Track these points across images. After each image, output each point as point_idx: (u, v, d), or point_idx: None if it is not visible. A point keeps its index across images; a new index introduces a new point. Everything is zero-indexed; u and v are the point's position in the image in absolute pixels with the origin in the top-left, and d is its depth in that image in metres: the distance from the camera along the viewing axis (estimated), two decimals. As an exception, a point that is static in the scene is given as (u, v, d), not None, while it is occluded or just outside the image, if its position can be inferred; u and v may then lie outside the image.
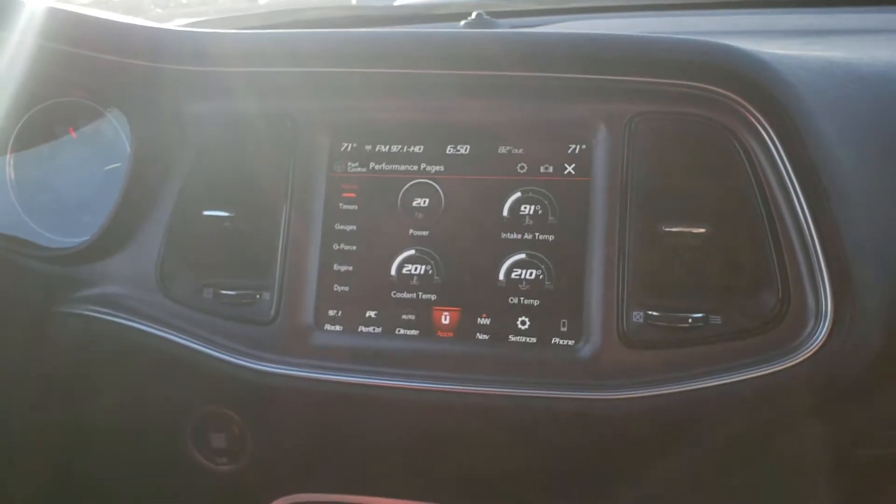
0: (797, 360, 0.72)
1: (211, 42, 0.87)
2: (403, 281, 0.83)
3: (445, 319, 0.82)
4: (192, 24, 1.57)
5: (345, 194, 0.86)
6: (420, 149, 0.85)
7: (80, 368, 0.92)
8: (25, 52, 0.86)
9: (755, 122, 0.76)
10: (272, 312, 0.84)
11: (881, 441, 0.78)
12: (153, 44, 0.88)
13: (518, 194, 0.82)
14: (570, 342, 0.79)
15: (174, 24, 1.60)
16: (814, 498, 0.82)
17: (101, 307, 0.89)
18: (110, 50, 0.87)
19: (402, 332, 0.83)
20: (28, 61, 0.87)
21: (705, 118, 0.77)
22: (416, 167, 0.85)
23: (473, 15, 1.45)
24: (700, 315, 0.75)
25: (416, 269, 0.83)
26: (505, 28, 1.40)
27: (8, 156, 0.96)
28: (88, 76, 0.91)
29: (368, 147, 0.86)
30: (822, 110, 0.75)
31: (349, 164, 0.86)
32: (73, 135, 0.96)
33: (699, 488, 0.82)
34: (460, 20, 1.46)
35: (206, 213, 0.87)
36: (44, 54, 0.87)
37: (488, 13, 1.45)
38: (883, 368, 0.72)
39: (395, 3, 2.07)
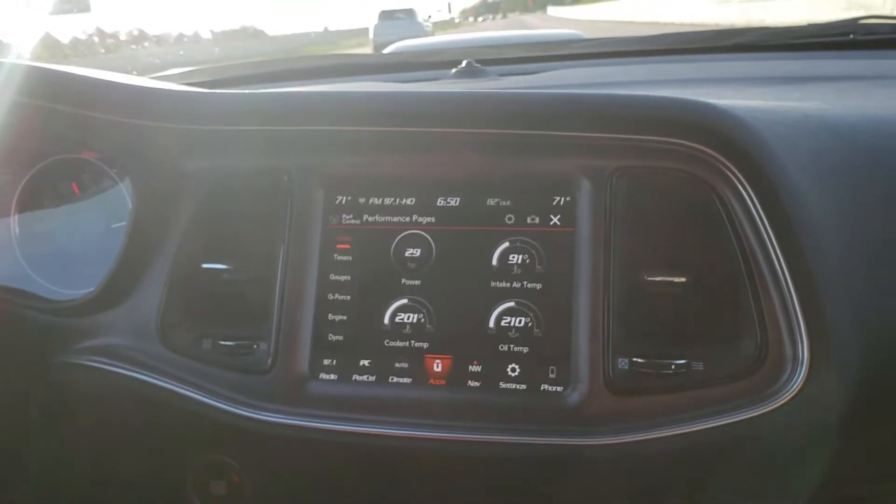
0: (776, 405, 0.74)
1: (207, 101, 0.90)
2: (396, 329, 0.86)
3: (438, 367, 0.85)
4: (187, 73, 1.61)
5: (339, 245, 0.89)
6: (412, 201, 0.88)
7: (82, 417, 0.94)
8: (23, 110, 0.89)
9: (731, 177, 0.79)
10: (269, 362, 0.86)
11: (859, 482, 0.80)
12: (148, 102, 0.90)
13: (506, 244, 0.85)
14: (559, 388, 0.81)
15: (169, 73, 1.65)
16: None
17: (102, 358, 0.91)
18: (105, 109, 0.90)
19: (395, 380, 0.85)
20: (26, 120, 0.90)
21: (684, 172, 0.80)
22: (408, 219, 0.88)
23: (464, 63, 1.51)
24: (683, 362, 0.78)
25: (408, 317, 0.86)
26: (494, 76, 1.46)
27: (13, 212, 0.99)
28: (89, 135, 0.94)
29: (362, 199, 0.89)
30: (795, 164, 0.78)
31: (343, 216, 0.89)
32: (77, 191, 0.99)
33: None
34: (451, 68, 1.51)
35: (204, 265, 0.89)
36: (41, 113, 0.90)
37: (478, 61, 1.51)
38: (858, 413, 0.74)
39: (386, 51, 2.12)
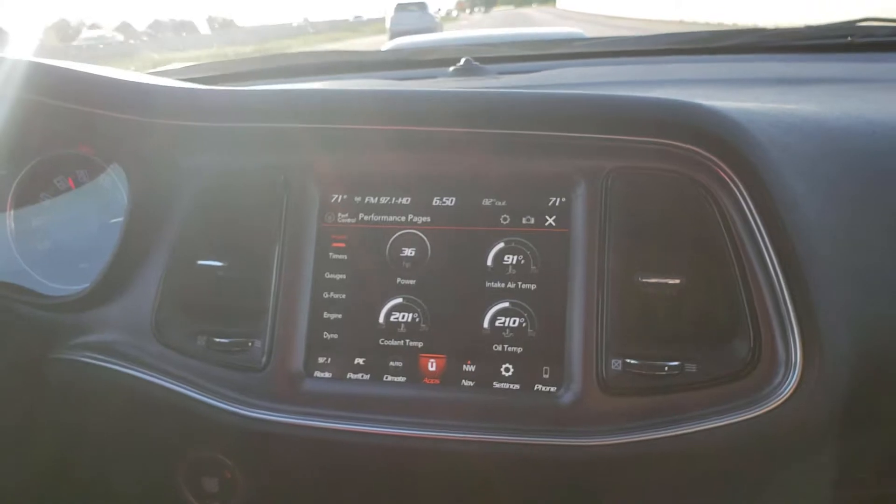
0: (769, 408, 0.74)
1: (203, 98, 0.90)
2: (391, 328, 0.86)
3: (432, 366, 0.85)
4: (185, 69, 1.61)
5: (335, 244, 0.89)
6: (407, 200, 0.88)
7: (76, 413, 0.94)
8: (22, 107, 0.90)
9: (726, 179, 0.79)
10: (263, 360, 0.86)
11: (852, 484, 0.80)
12: (148, 99, 0.91)
13: (501, 244, 0.85)
14: (552, 389, 0.81)
15: (169, 68, 1.65)
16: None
17: (97, 353, 0.91)
18: (106, 105, 0.90)
19: (389, 378, 0.85)
20: (25, 116, 0.90)
21: (679, 173, 0.81)
22: (403, 218, 0.88)
23: (462, 61, 1.50)
24: (676, 363, 0.78)
25: (403, 316, 0.86)
26: (492, 74, 1.46)
27: (9, 207, 0.99)
28: (86, 130, 0.94)
29: (358, 199, 0.89)
30: (789, 167, 0.78)
31: (339, 214, 0.89)
32: (73, 186, 0.99)
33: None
34: (449, 66, 1.51)
35: (200, 262, 0.89)
36: (40, 109, 0.90)
37: (476, 59, 1.51)
38: (850, 415, 0.75)
39: (384, 48, 2.12)
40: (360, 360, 0.86)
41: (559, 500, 0.83)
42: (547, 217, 0.85)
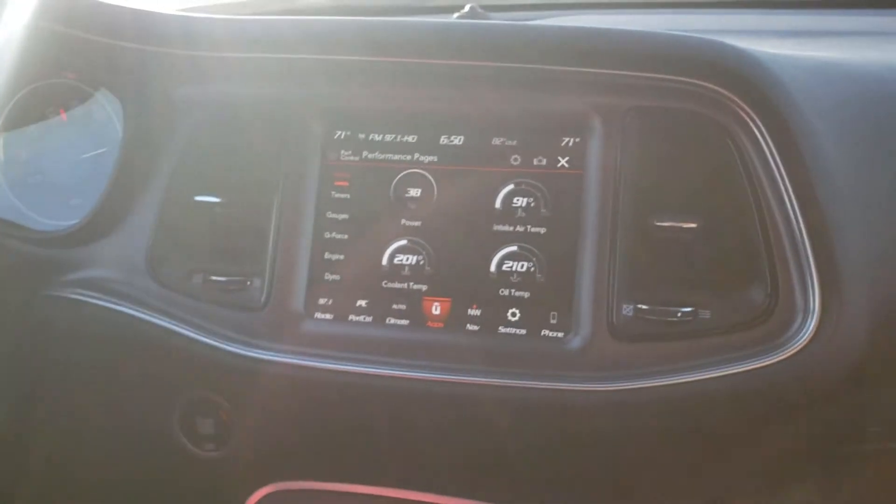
0: (784, 356, 0.72)
1: (203, 27, 0.87)
2: (395, 271, 0.83)
3: (436, 310, 0.82)
4: (186, 9, 1.56)
5: (337, 182, 0.86)
6: (414, 138, 0.85)
7: (68, 352, 0.92)
8: (15, 32, 0.86)
9: (747, 119, 0.76)
10: (262, 299, 0.84)
11: (865, 437, 0.79)
12: (146, 27, 0.87)
13: (511, 186, 0.82)
14: (560, 334, 0.79)
15: (168, 8, 1.60)
16: (798, 492, 0.83)
17: (89, 291, 0.88)
18: (103, 32, 0.87)
19: (392, 321, 0.83)
20: (18, 41, 0.87)
21: (698, 114, 0.78)
22: (409, 157, 0.85)
23: (467, 7, 1.45)
24: (689, 309, 0.76)
25: (407, 259, 0.83)
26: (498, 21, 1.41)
27: None
28: (80, 58, 0.90)
29: (362, 136, 0.86)
30: (813, 109, 0.75)
31: (342, 152, 0.86)
32: (64, 117, 0.95)
33: (685, 480, 0.83)
34: (453, 13, 1.46)
35: (197, 198, 0.86)
36: (35, 35, 0.86)
37: (482, 6, 1.46)
38: (868, 365, 0.73)
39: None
40: (362, 302, 0.84)
41: (564, 446, 0.81)
42: (559, 158, 0.82)
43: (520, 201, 0.82)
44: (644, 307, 0.76)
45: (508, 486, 0.85)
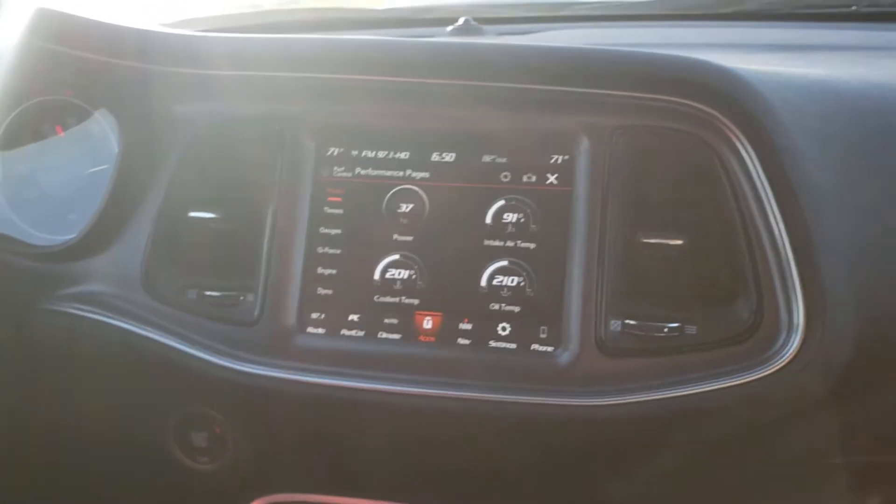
0: (769, 371, 0.73)
1: (200, 45, 0.88)
2: (387, 285, 0.84)
3: (427, 324, 0.83)
4: (181, 23, 1.57)
5: (330, 198, 0.87)
6: (406, 155, 0.86)
7: (63, 366, 0.93)
8: (14, 50, 0.87)
9: (733, 138, 0.77)
10: (255, 314, 0.85)
11: (851, 450, 0.80)
12: (142, 45, 0.88)
13: (501, 202, 0.83)
14: (550, 349, 0.80)
15: (163, 23, 1.61)
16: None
17: (84, 305, 0.89)
18: (100, 50, 0.88)
19: (384, 335, 0.84)
20: (14, 59, 0.88)
21: (685, 132, 0.79)
22: (401, 173, 0.86)
23: (461, 21, 1.47)
24: (676, 325, 0.77)
25: (399, 273, 0.84)
26: (491, 35, 1.42)
27: None
28: (77, 75, 0.91)
29: (355, 152, 0.87)
30: (799, 128, 0.77)
31: (335, 168, 0.87)
32: (61, 133, 0.96)
33: (670, 494, 0.83)
34: (447, 25, 1.47)
35: (192, 214, 0.87)
36: (30, 52, 0.87)
37: (475, 19, 1.47)
38: (852, 381, 0.74)
39: (383, 7, 2.08)
40: (354, 317, 0.85)
41: (554, 460, 0.82)
42: (549, 175, 0.83)
43: (510, 217, 0.83)
44: (631, 322, 0.78)
45: (497, 499, 0.86)
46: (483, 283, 0.82)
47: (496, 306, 0.82)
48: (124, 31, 0.88)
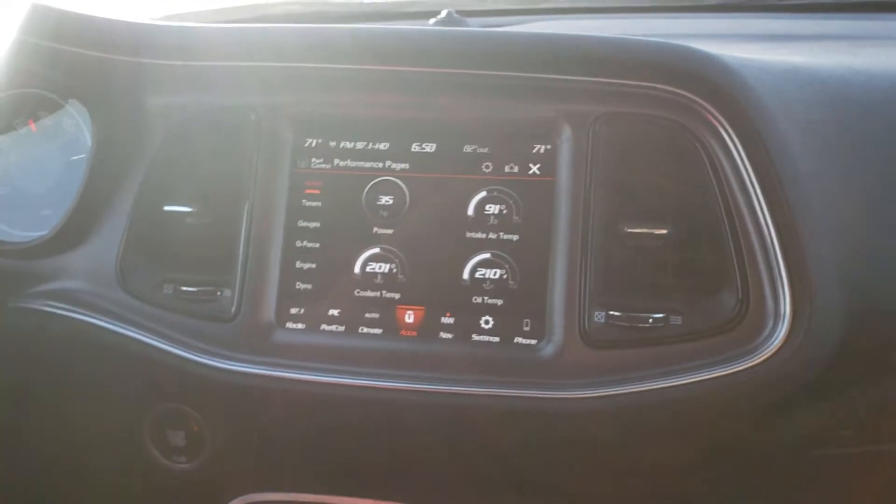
0: (755, 362, 0.72)
1: (173, 36, 0.86)
2: (367, 279, 0.83)
3: (409, 318, 0.82)
4: (156, 17, 1.55)
5: (308, 191, 0.85)
6: (385, 146, 0.84)
7: (36, 364, 0.91)
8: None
9: (717, 125, 0.76)
10: (233, 309, 0.83)
11: (836, 441, 0.79)
12: (115, 37, 0.86)
13: (483, 193, 0.82)
14: (533, 341, 0.79)
15: (139, 16, 1.59)
16: (770, 497, 0.83)
17: (58, 302, 0.87)
18: (71, 42, 0.85)
19: (365, 330, 0.82)
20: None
21: (668, 120, 0.78)
22: (381, 164, 0.84)
23: (443, 13, 1.45)
24: (661, 315, 0.76)
25: (380, 267, 0.83)
26: (475, 27, 1.41)
27: None
28: (49, 67, 0.89)
29: (333, 143, 0.85)
30: (783, 114, 0.76)
31: (313, 160, 0.86)
32: (33, 127, 0.94)
33: (657, 486, 0.82)
34: (430, 18, 1.46)
35: (167, 207, 0.85)
36: (1, 44, 0.85)
37: (458, 12, 1.46)
38: (838, 371, 0.73)
39: (367, 0, 2.06)
40: (334, 312, 0.83)
41: (539, 454, 0.81)
42: (531, 165, 0.81)
43: (492, 208, 0.81)
44: (616, 314, 0.76)
45: (482, 492, 0.85)
46: (465, 276, 0.81)
47: (479, 299, 0.81)
48: (95, 21, 0.86)
